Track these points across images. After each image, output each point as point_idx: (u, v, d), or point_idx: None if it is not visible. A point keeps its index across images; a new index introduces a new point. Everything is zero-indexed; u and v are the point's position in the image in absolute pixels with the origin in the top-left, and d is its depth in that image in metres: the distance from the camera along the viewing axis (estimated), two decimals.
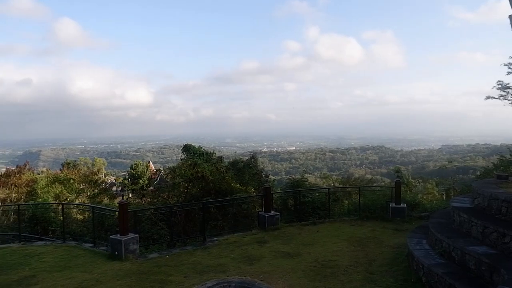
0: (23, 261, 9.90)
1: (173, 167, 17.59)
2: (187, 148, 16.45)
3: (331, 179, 24.51)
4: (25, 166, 25.39)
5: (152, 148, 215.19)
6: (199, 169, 14.84)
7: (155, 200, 16.69)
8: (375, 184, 23.84)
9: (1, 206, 20.36)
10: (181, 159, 17.10)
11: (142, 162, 61.13)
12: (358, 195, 15.14)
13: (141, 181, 41.74)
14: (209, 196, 14.84)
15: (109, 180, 46.65)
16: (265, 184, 13.11)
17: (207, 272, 8.83)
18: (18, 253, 10.62)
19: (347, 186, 19.48)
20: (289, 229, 12.60)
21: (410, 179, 22.83)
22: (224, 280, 8.20)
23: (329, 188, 15.24)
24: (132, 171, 54.55)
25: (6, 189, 22.85)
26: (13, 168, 25.43)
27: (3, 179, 22.98)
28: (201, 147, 16.93)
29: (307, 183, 16.92)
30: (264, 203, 12.83)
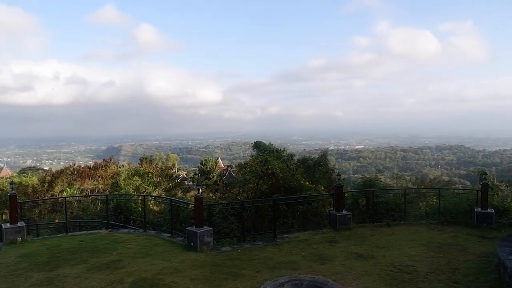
0: (110, 246, 10.82)
1: (244, 163, 17.95)
2: (257, 145, 16.70)
3: (403, 180, 23.22)
4: (110, 160, 27.80)
5: (221, 144, 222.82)
6: (269, 166, 14.97)
7: (225, 195, 17.20)
8: (453, 187, 22.13)
9: (90, 195, 22.48)
10: (252, 156, 17.40)
11: (211, 158, 63.66)
12: (436, 198, 14.16)
13: (211, 176, 43.40)
14: (278, 193, 14.90)
15: (181, 175, 49.24)
16: (337, 182, 12.82)
17: (279, 268, 8.88)
18: (106, 239, 11.64)
19: (424, 187, 18.32)
20: (361, 229, 12.19)
21: (495, 182, 20.78)
22: (296, 278, 8.17)
23: (405, 189, 14.46)
24: (202, 166, 57.06)
25: (94, 180, 25.18)
26: (100, 162, 27.98)
27: (92, 171, 25.41)
28: (271, 144, 17.07)
29: (381, 183, 16.21)
30: (335, 202, 12.56)
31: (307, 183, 15.91)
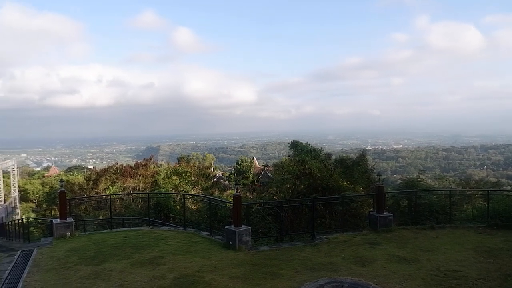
0: (152, 243, 11.13)
1: (281, 163, 17.91)
2: (294, 145, 16.58)
3: (446, 181, 22.27)
4: (151, 159, 28.72)
5: (256, 144, 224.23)
6: (306, 166, 14.84)
7: (262, 195, 17.24)
8: (502, 188, 20.94)
9: (132, 193, 23.31)
10: (288, 156, 17.33)
11: (246, 158, 64.10)
12: (483, 200, 13.46)
13: (247, 175, 43.71)
14: (316, 193, 14.72)
15: (217, 174, 49.92)
16: (377, 183, 12.49)
17: (318, 269, 8.76)
18: (148, 236, 12.00)
19: (469, 188, 17.43)
20: (403, 232, 11.80)
21: None
22: (336, 280, 8.04)
23: (450, 190, 13.83)
24: (238, 166, 57.57)
25: (135, 179, 26.11)
26: (141, 161, 28.98)
27: (133, 170, 26.37)
28: (308, 144, 16.92)
29: (424, 183, 15.61)
30: (376, 202, 12.24)
31: (345, 183, 15.62)
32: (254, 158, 75.86)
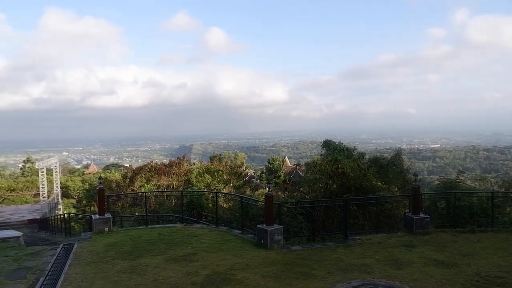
0: (185, 240, 11.36)
1: (313, 162, 17.75)
2: (327, 144, 16.36)
3: (488, 182, 21.20)
4: (184, 158, 29.32)
5: (287, 143, 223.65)
6: (339, 165, 14.62)
7: (294, 194, 17.14)
8: None
9: (166, 191, 23.89)
10: (321, 155, 17.15)
11: (278, 157, 63.97)
12: None
13: (278, 174, 43.63)
14: (349, 193, 14.47)
15: (249, 173, 50.14)
16: (414, 183, 12.09)
17: (351, 271, 8.60)
18: (182, 233, 12.24)
19: None
20: (441, 234, 11.35)
21: None
22: (370, 282, 7.86)
23: (492, 192, 13.16)
24: (269, 165, 57.57)
25: (169, 177, 26.73)
26: (174, 160, 29.65)
27: (167, 168, 27.03)
28: (341, 143, 16.66)
29: (464, 185, 14.95)
30: (412, 204, 11.85)
31: (380, 183, 15.24)
32: (286, 157, 75.58)
